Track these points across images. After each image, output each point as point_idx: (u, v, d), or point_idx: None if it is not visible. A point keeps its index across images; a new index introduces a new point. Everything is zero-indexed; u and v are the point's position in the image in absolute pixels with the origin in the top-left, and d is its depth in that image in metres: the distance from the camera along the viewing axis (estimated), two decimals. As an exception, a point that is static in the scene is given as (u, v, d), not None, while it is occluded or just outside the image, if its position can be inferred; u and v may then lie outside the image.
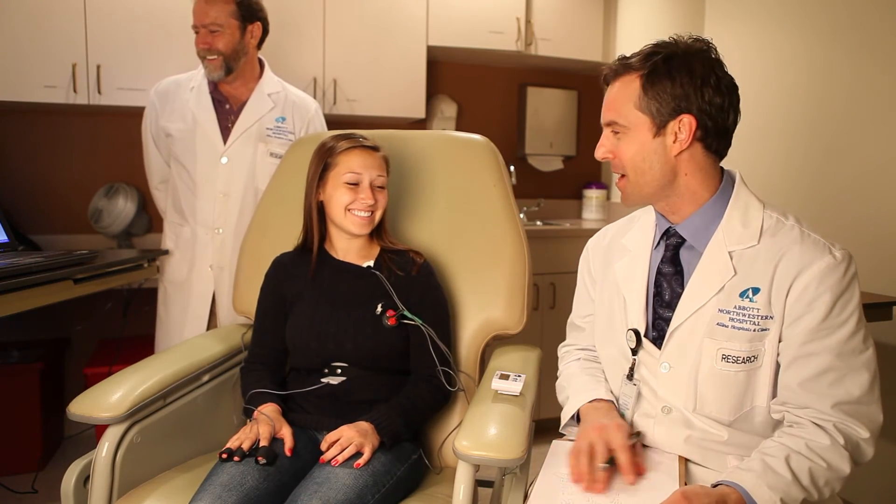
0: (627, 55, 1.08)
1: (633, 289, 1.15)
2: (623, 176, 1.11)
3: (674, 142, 1.05)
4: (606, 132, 1.10)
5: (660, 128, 1.04)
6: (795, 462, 0.94)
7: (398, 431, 1.27)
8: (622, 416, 1.15)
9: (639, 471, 1.04)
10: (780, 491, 0.91)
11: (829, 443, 0.96)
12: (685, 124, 1.03)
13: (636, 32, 2.94)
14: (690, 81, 1.02)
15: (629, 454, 1.03)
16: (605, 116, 1.09)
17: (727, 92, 1.04)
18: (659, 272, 1.13)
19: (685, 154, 1.06)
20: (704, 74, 1.03)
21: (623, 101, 1.06)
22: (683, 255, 1.11)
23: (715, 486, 0.94)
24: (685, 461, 1.08)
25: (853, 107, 2.13)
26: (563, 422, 1.23)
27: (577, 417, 1.20)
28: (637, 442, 1.08)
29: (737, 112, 1.07)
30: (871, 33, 2.07)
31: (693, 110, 1.03)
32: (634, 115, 1.05)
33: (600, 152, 1.11)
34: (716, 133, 1.05)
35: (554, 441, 1.19)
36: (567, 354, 1.37)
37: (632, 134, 1.06)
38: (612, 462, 1.03)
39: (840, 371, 0.98)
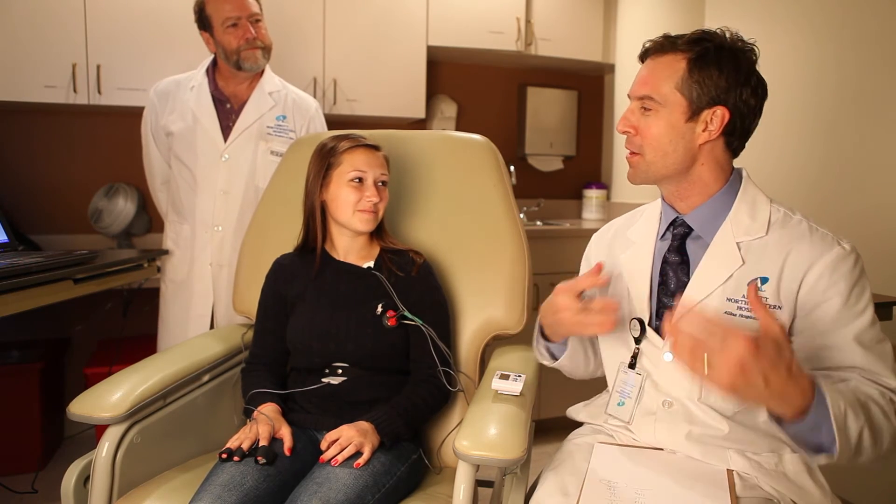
0: (673, 34, 1.08)
1: (637, 278, 1.16)
2: (636, 153, 1.10)
3: (703, 130, 1.06)
4: (633, 106, 1.10)
5: (694, 113, 1.05)
6: (853, 385, 0.94)
7: (398, 431, 1.27)
8: (620, 406, 1.16)
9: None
10: (844, 399, 0.89)
11: (878, 393, 0.96)
12: (718, 116, 1.05)
13: (636, 32, 2.94)
14: (735, 76, 1.04)
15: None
16: (639, 90, 1.09)
17: (761, 96, 1.07)
18: (665, 261, 1.14)
19: (708, 145, 1.07)
20: (748, 73, 1.05)
21: (664, 78, 1.06)
22: (690, 245, 1.12)
23: None
24: (733, 474, 1.05)
25: (853, 105, 2.13)
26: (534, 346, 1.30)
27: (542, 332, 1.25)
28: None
29: (759, 118, 1.09)
30: (870, 30, 2.07)
31: (729, 104, 1.05)
32: (673, 95, 1.06)
33: (623, 125, 1.11)
34: (741, 132, 1.08)
35: (596, 444, 1.16)
36: None
37: (663, 113, 1.06)
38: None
39: (865, 367, 0.99)
